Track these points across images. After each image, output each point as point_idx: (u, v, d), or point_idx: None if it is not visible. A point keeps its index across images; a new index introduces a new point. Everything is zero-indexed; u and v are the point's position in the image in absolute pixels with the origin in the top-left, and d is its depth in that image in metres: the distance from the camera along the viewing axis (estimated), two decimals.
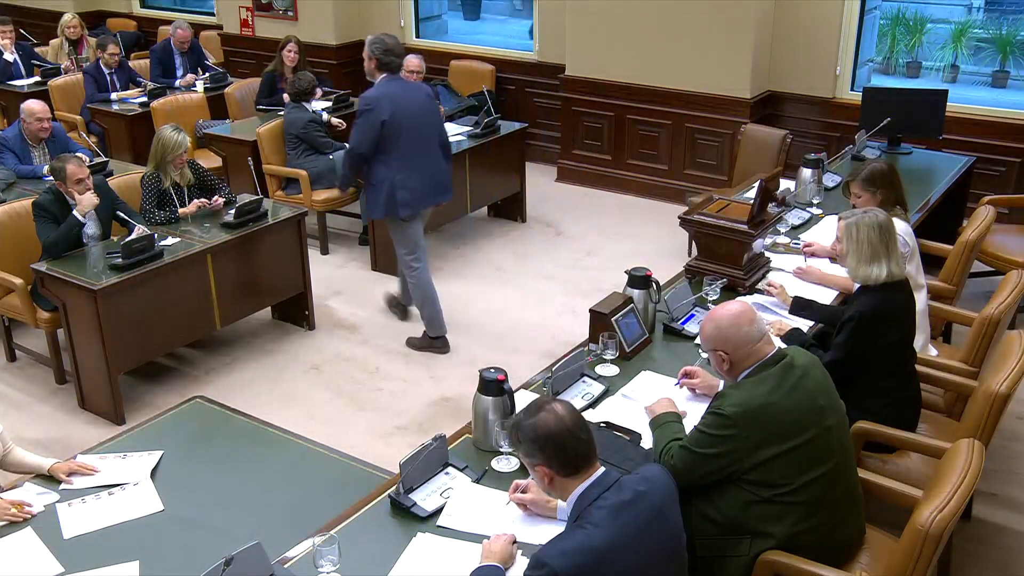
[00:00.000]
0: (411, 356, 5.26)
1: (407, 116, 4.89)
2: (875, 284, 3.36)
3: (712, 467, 2.68)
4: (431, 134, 5.06)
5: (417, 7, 8.95)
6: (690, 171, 7.35)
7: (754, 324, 2.76)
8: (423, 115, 5.00)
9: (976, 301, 4.73)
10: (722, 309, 2.82)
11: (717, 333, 2.77)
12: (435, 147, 5.09)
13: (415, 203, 5.00)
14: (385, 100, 4.83)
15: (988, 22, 10.41)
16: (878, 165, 4.21)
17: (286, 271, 5.37)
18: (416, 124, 4.94)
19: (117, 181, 5.39)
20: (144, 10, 11.02)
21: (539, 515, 2.65)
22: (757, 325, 2.77)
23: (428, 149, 5.03)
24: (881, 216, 3.40)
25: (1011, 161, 6.40)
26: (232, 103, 7.70)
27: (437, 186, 5.12)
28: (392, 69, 4.93)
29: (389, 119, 4.81)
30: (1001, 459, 4.21)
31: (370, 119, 4.82)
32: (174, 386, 4.97)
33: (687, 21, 6.95)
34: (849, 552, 2.85)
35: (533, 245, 6.72)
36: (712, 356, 2.83)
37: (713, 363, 2.86)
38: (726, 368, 2.79)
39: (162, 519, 2.95)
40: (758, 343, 2.74)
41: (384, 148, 4.87)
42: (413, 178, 4.94)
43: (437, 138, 5.11)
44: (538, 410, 2.35)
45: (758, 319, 2.80)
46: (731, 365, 2.77)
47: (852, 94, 6.95)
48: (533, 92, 8.33)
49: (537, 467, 2.36)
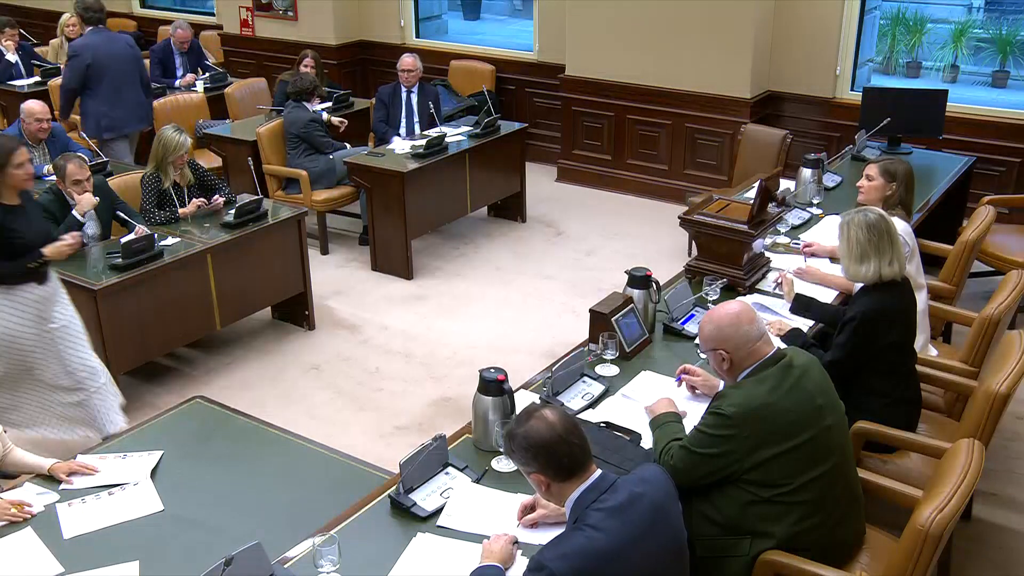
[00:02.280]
0: (411, 356, 5.26)
1: (109, 60, 6.44)
2: (875, 284, 3.36)
3: (712, 467, 2.68)
4: (132, 75, 6.61)
5: (417, 7, 8.95)
6: (690, 171, 7.35)
7: (754, 324, 2.76)
8: (124, 59, 6.56)
9: (976, 301, 4.73)
10: (722, 309, 2.82)
11: (717, 333, 2.77)
12: (135, 85, 6.64)
13: (116, 128, 6.59)
14: (89, 48, 6.42)
15: (988, 22, 10.42)
16: (903, 163, 4.26)
17: (286, 271, 5.37)
18: (117, 67, 6.50)
19: (117, 181, 5.39)
20: (144, 10, 11.02)
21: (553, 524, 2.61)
22: (756, 325, 2.77)
23: (128, 86, 6.58)
24: (872, 216, 3.39)
25: (1011, 161, 6.39)
26: (232, 103, 7.70)
27: (136, 116, 6.71)
28: (94, 23, 6.48)
29: (93, 63, 6.37)
30: (1001, 459, 4.21)
31: (76, 63, 6.41)
32: (174, 386, 4.97)
33: (687, 21, 6.95)
34: (849, 552, 2.84)
35: (533, 245, 6.72)
36: (712, 356, 2.83)
37: (712, 363, 2.86)
38: (726, 368, 2.79)
39: (162, 519, 2.94)
40: (757, 343, 2.74)
41: (90, 85, 6.45)
42: (116, 109, 6.52)
43: (137, 78, 6.67)
44: (528, 418, 2.34)
45: (757, 319, 2.80)
46: (731, 364, 2.77)
47: (852, 94, 6.95)
48: (533, 92, 8.33)
49: (532, 475, 2.37)
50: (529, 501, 2.66)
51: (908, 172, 4.22)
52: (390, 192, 6.05)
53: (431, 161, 6.16)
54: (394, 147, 6.44)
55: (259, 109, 7.48)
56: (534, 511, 2.63)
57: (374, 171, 6.11)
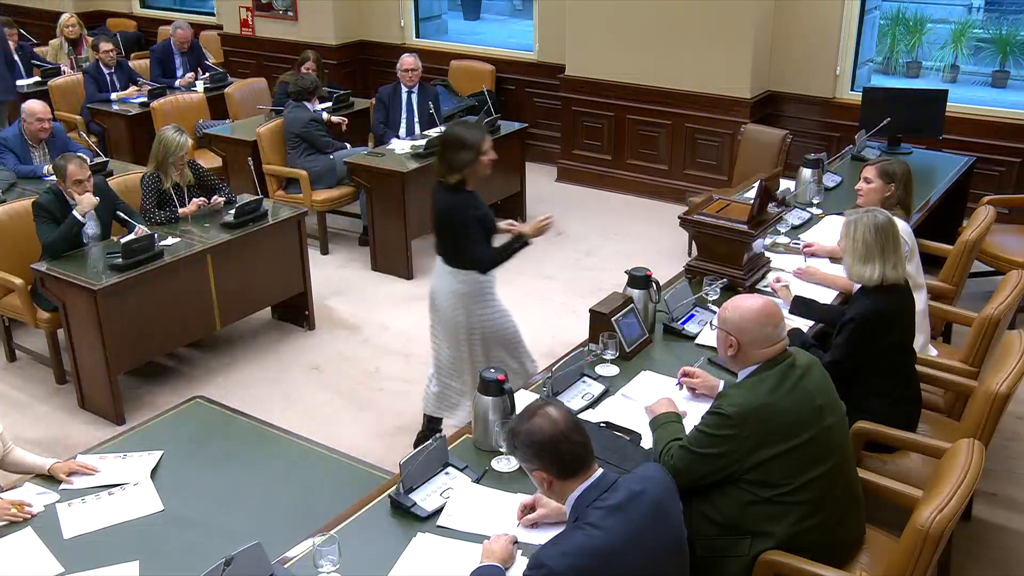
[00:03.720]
0: (411, 356, 5.26)
1: None
2: (874, 285, 3.36)
3: (712, 467, 2.68)
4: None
5: (417, 7, 8.95)
6: (690, 171, 7.35)
7: (777, 328, 2.73)
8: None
9: (976, 301, 4.73)
10: (752, 301, 2.78)
11: (738, 320, 2.74)
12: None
13: None
14: None
15: (988, 22, 10.42)
16: (901, 163, 4.26)
17: (286, 271, 5.37)
18: None
19: (117, 181, 5.39)
20: (144, 10, 11.02)
21: (553, 524, 2.60)
22: (779, 329, 2.74)
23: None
24: (881, 217, 3.39)
25: (1011, 161, 6.39)
26: (232, 103, 7.70)
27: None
28: None
29: None
30: (1001, 459, 4.21)
31: None
32: (174, 386, 4.97)
33: (687, 21, 6.95)
34: (849, 552, 2.84)
35: (533, 245, 6.70)
36: (721, 335, 2.80)
37: (718, 340, 2.84)
38: (730, 353, 2.77)
39: (162, 519, 2.94)
40: (772, 345, 2.72)
41: None
42: None
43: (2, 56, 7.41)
44: (532, 415, 2.34)
45: (782, 324, 2.76)
46: (736, 352, 2.75)
47: (852, 94, 6.95)
48: (533, 92, 8.33)
49: (535, 472, 2.36)
50: (529, 501, 2.66)
51: (906, 172, 4.22)
52: (390, 192, 6.05)
53: (431, 161, 6.13)
54: (394, 147, 6.44)
55: (259, 109, 7.48)
56: (534, 511, 2.63)
57: (374, 171, 6.12)
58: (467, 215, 3.86)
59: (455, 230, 3.89)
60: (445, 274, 3.98)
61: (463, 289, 3.95)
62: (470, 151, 3.81)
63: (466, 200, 3.88)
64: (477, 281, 3.95)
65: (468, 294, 3.95)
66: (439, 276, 4.01)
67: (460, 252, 3.92)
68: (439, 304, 4.03)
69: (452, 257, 3.95)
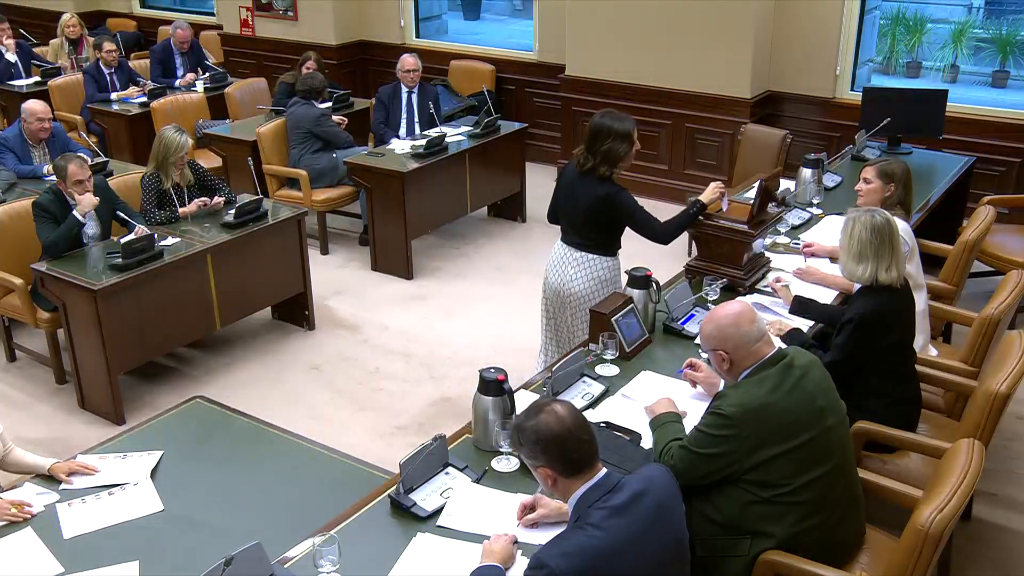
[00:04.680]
0: (411, 356, 5.26)
1: None
2: (874, 285, 3.36)
3: (712, 467, 2.68)
4: None
5: (417, 7, 8.95)
6: (690, 171, 7.35)
7: (754, 324, 2.76)
8: None
9: (976, 301, 4.73)
10: (722, 309, 2.82)
11: (718, 333, 2.77)
12: None
13: None
14: None
15: (988, 22, 10.41)
16: (900, 163, 4.27)
17: (286, 271, 5.37)
18: None
19: (117, 181, 5.39)
20: (144, 10, 11.02)
21: (553, 524, 2.60)
22: (757, 325, 2.77)
23: None
24: (879, 219, 3.39)
25: (1011, 161, 6.39)
26: (232, 103, 7.70)
27: None
28: None
29: None
30: (1001, 459, 4.21)
31: None
32: (174, 386, 4.97)
33: (687, 21, 6.95)
34: (849, 552, 2.84)
35: (533, 245, 6.72)
36: (712, 356, 2.83)
37: (713, 363, 2.86)
38: (726, 368, 2.79)
39: (162, 519, 2.94)
40: (758, 343, 2.74)
41: None
42: None
43: None
44: (539, 412, 2.34)
45: (758, 319, 2.80)
46: (731, 364, 2.77)
47: (852, 94, 6.94)
48: (533, 92, 8.33)
49: (539, 469, 2.36)
50: (529, 501, 2.66)
51: (905, 171, 4.22)
52: (390, 192, 6.05)
53: (431, 161, 6.16)
54: (394, 147, 6.44)
55: (259, 109, 7.49)
56: (534, 511, 2.63)
57: (374, 171, 6.12)
58: (631, 200, 3.95)
59: (618, 218, 3.97)
60: (586, 264, 4.06)
61: (605, 276, 4.07)
62: (624, 141, 3.85)
63: (618, 187, 3.96)
64: (615, 267, 4.12)
65: (609, 280, 4.07)
66: (576, 266, 4.07)
67: (612, 240, 4.07)
68: (573, 291, 4.08)
69: (600, 246, 4.05)
